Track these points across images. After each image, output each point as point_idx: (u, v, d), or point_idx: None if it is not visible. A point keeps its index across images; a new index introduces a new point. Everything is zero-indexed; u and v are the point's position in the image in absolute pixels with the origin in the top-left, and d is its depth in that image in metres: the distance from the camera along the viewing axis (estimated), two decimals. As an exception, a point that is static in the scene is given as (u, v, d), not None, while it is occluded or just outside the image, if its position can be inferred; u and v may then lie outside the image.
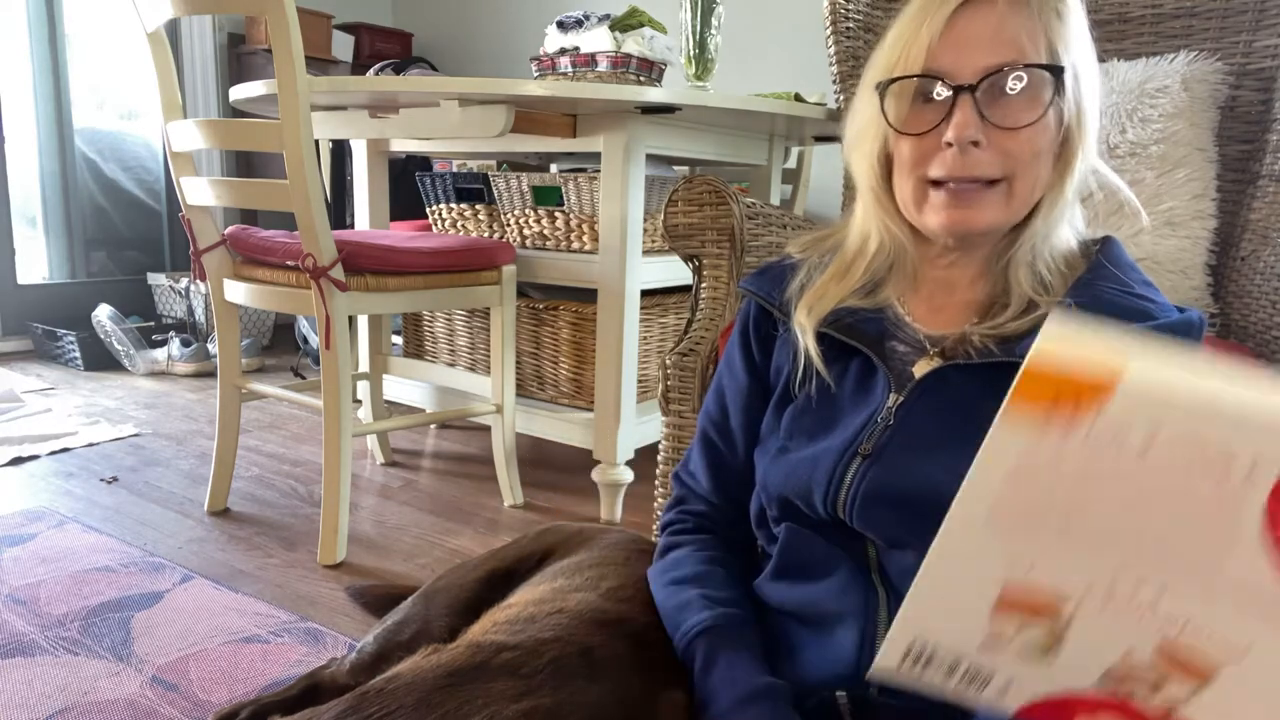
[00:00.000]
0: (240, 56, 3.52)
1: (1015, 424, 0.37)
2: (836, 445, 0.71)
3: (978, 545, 0.40)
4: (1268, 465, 0.34)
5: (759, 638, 0.73)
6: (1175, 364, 0.35)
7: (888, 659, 0.46)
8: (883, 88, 0.70)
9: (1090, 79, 0.69)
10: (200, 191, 1.55)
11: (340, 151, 3.09)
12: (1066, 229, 0.73)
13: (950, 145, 0.67)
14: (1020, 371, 0.36)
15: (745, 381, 0.83)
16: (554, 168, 2.36)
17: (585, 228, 1.76)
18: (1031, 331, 0.67)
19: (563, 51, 1.78)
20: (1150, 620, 0.38)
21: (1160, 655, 0.38)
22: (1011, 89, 0.66)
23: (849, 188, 1.52)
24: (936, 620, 0.43)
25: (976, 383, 0.68)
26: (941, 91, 0.67)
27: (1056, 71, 0.67)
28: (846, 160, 0.80)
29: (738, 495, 0.82)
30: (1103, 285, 0.70)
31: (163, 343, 3.00)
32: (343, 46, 3.68)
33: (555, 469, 2.06)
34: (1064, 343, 0.36)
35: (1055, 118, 0.68)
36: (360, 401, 2.14)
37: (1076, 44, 0.69)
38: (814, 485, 0.71)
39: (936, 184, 0.69)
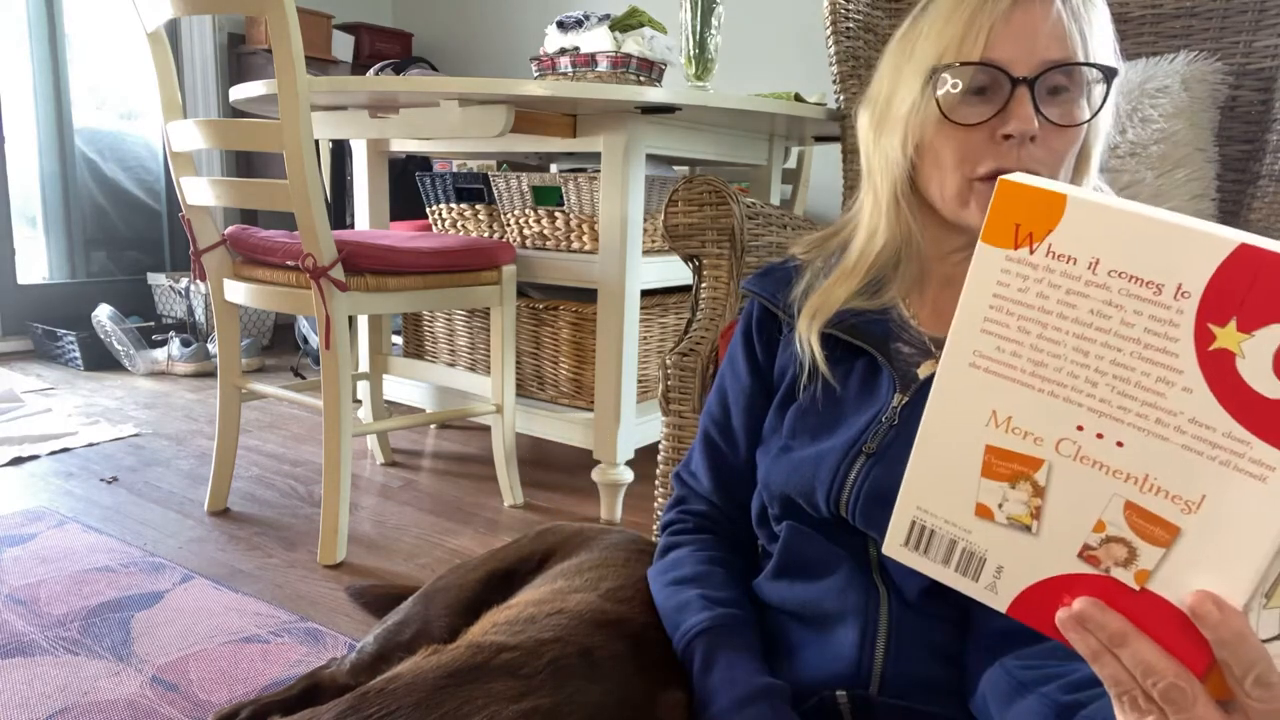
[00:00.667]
0: (240, 56, 3.52)
1: (987, 255, 0.42)
2: (840, 444, 0.71)
3: (964, 399, 0.45)
4: (1194, 277, 0.38)
5: (759, 638, 0.73)
6: (1119, 199, 0.41)
7: (894, 539, 0.49)
8: (937, 74, 0.68)
9: (1117, 85, 0.69)
10: (200, 191, 1.55)
11: (340, 151, 3.09)
12: None
13: (1008, 138, 0.65)
14: (990, 201, 0.42)
15: (748, 382, 0.83)
16: (554, 168, 2.36)
17: (585, 228, 1.76)
18: None
19: (563, 51, 1.78)
20: (1115, 480, 0.41)
21: (1128, 521, 0.41)
22: (1066, 86, 0.66)
23: (850, 187, 1.52)
24: (932, 490, 0.47)
25: None
26: (1001, 83, 0.66)
27: (1110, 73, 0.67)
28: (866, 147, 0.76)
29: (739, 495, 0.82)
30: None
31: (163, 343, 3.00)
32: (343, 46, 3.68)
33: (555, 469, 2.06)
34: (1021, 180, 0.42)
35: None
36: (360, 401, 2.14)
37: (1111, 48, 0.69)
38: (817, 483, 0.70)
39: (983, 179, 0.67)
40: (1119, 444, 0.41)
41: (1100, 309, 0.40)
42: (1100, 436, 0.41)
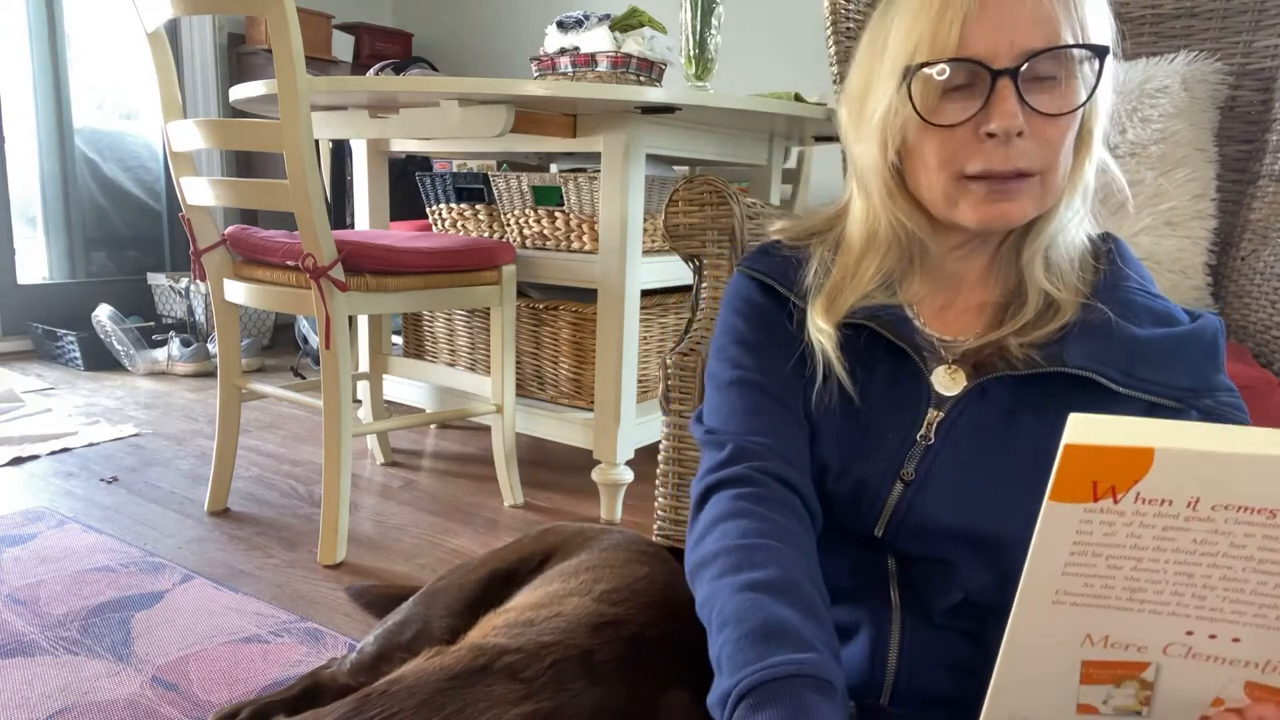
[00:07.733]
0: (240, 56, 3.52)
1: (1061, 512, 0.38)
2: (874, 469, 0.67)
3: (1050, 627, 0.41)
4: None
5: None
6: (1202, 435, 0.36)
7: None
8: (911, 74, 0.63)
9: (1111, 58, 0.64)
10: (200, 191, 1.55)
11: (340, 151, 3.09)
12: (1082, 221, 0.68)
13: (992, 136, 0.61)
14: (1055, 464, 0.37)
15: (780, 335, 0.72)
16: (554, 168, 2.36)
17: (585, 228, 1.75)
18: (1064, 338, 0.64)
19: (563, 51, 1.78)
20: (1233, 668, 0.39)
21: (1248, 694, 0.40)
22: (1053, 73, 0.61)
23: (849, 188, 1.52)
24: (1025, 700, 0.43)
25: (1016, 395, 0.65)
26: (981, 77, 0.61)
27: (1101, 52, 0.62)
28: (848, 150, 0.72)
29: (794, 452, 0.69)
30: (1126, 287, 0.67)
31: (163, 343, 3.00)
32: (343, 46, 3.68)
33: (555, 469, 2.06)
34: (1092, 432, 0.37)
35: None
36: (360, 401, 2.14)
37: (1103, 20, 0.64)
38: (854, 509, 0.68)
39: (972, 177, 0.63)
40: (1235, 640, 0.39)
41: (1205, 537, 0.37)
42: (1213, 637, 0.39)
